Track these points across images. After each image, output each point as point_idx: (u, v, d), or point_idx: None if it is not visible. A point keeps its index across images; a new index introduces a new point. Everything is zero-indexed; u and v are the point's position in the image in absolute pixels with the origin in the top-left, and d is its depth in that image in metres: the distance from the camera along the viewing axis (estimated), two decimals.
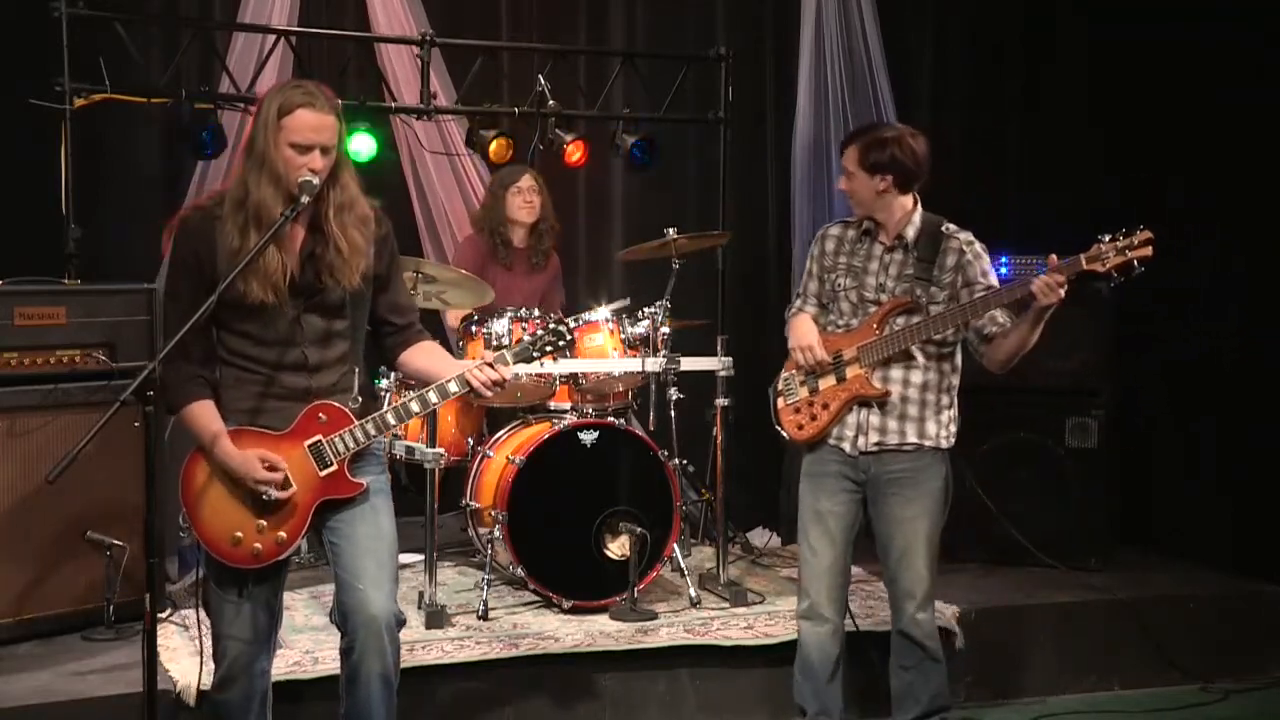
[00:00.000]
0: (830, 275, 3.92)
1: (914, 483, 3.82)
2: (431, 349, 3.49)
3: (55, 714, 3.85)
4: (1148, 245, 3.54)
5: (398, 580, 3.35)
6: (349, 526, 3.29)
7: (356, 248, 3.24)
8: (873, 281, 3.86)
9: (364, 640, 3.25)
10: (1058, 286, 3.57)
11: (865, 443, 3.83)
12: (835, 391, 3.85)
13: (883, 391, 3.80)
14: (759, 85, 6.83)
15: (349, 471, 3.28)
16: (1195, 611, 5.06)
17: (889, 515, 3.84)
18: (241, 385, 3.25)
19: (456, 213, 6.47)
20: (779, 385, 4.02)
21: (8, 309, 4.37)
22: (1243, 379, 5.56)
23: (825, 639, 3.91)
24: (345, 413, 3.28)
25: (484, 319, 5.09)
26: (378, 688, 3.29)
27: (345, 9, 6.41)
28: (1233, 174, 5.63)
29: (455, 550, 5.63)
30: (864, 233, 3.91)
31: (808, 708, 3.95)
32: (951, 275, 3.82)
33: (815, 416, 3.87)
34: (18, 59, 5.46)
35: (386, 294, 3.40)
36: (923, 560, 3.83)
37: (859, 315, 3.86)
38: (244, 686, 3.34)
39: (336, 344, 3.30)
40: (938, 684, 3.93)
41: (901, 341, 3.78)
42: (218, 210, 3.20)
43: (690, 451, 5.46)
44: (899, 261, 3.86)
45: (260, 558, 3.23)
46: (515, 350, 3.41)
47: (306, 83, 3.26)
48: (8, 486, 4.33)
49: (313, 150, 3.16)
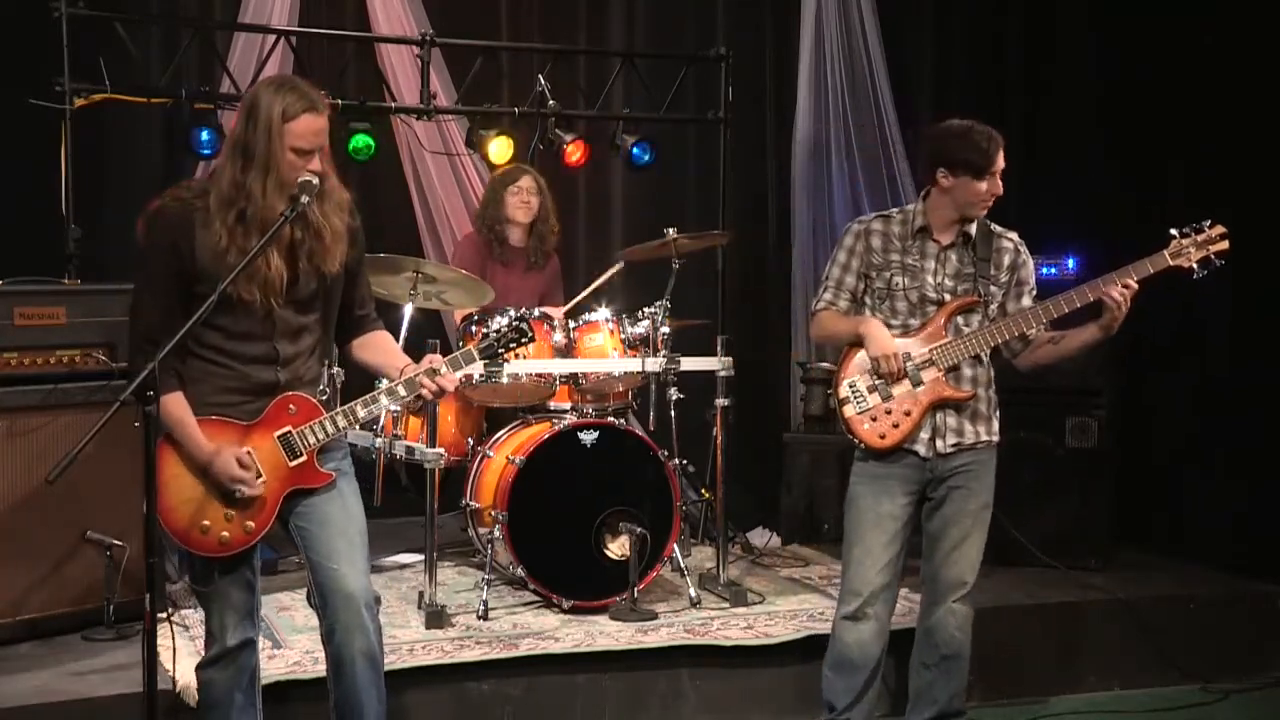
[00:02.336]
0: (882, 273, 3.83)
1: (977, 476, 3.85)
2: (382, 341, 3.51)
3: (55, 714, 3.84)
4: (1224, 239, 3.67)
5: (369, 561, 3.36)
6: (317, 510, 3.31)
7: (338, 233, 3.26)
8: (931, 280, 3.81)
9: (344, 619, 3.27)
10: (1130, 295, 3.65)
11: (943, 445, 3.80)
12: (916, 397, 3.77)
13: (969, 394, 3.80)
14: (759, 85, 6.83)
15: (317, 462, 3.30)
16: (1195, 611, 5.05)
17: (950, 510, 3.84)
18: (210, 378, 3.24)
19: (456, 213, 6.47)
20: (840, 392, 3.81)
21: (8, 309, 4.36)
22: (1243, 378, 5.56)
23: (869, 639, 3.86)
24: (315, 404, 3.30)
25: (484, 319, 5.09)
26: (363, 666, 3.29)
27: (345, 9, 6.41)
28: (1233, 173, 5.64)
29: (455, 550, 5.63)
30: (919, 230, 3.84)
31: (838, 703, 3.91)
32: (1007, 275, 3.84)
33: (898, 424, 3.78)
34: (18, 59, 5.46)
35: (354, 284, 3.41)
36: (977, 550, 3.86)
37: (917, 315, 3.80)
38: (232, 661, 3.35)
39: (306, 337, 3.31)
40: (958, 683, 3.93)
41: (981, 343, 3.76)
42: (198, 203, 3.18)
43: (690, 451, 5.46)
44: (956, 260, 3.83)
45: (227, 546, 3.24)
46: (479, 347, 3.42)
47: (299, 83, 3.24)
48: (8, 486, 4.32)
49: (313, 153, 3.18)
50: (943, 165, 3.77)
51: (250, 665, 3.42)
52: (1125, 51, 6.26)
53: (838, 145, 6.55)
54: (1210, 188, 5.73)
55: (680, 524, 4.93)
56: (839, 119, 6.47)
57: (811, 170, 6.66)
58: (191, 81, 5.81)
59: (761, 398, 6.72)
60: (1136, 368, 5.89)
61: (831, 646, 3.94)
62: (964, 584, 3.87)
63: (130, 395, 2.92)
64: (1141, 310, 5.78)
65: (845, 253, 3.90)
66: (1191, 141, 5.84)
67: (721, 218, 6.24)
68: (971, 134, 3.77)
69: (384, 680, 3.38)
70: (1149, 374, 5.98)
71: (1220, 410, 5.65)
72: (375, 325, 3.52)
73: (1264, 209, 5.49)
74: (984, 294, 3.80)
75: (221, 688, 3.37)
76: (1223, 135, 5.67)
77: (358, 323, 3.47)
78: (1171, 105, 5.95)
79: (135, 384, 2.92)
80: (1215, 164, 5.69)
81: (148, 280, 3.22)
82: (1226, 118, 5.67)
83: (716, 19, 6.85)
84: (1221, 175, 5.66)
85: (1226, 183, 5.65)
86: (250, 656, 3.42)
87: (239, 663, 3.37)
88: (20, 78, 5.35)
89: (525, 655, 4.31)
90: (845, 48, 6.50)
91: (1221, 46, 5.71)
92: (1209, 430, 5.71)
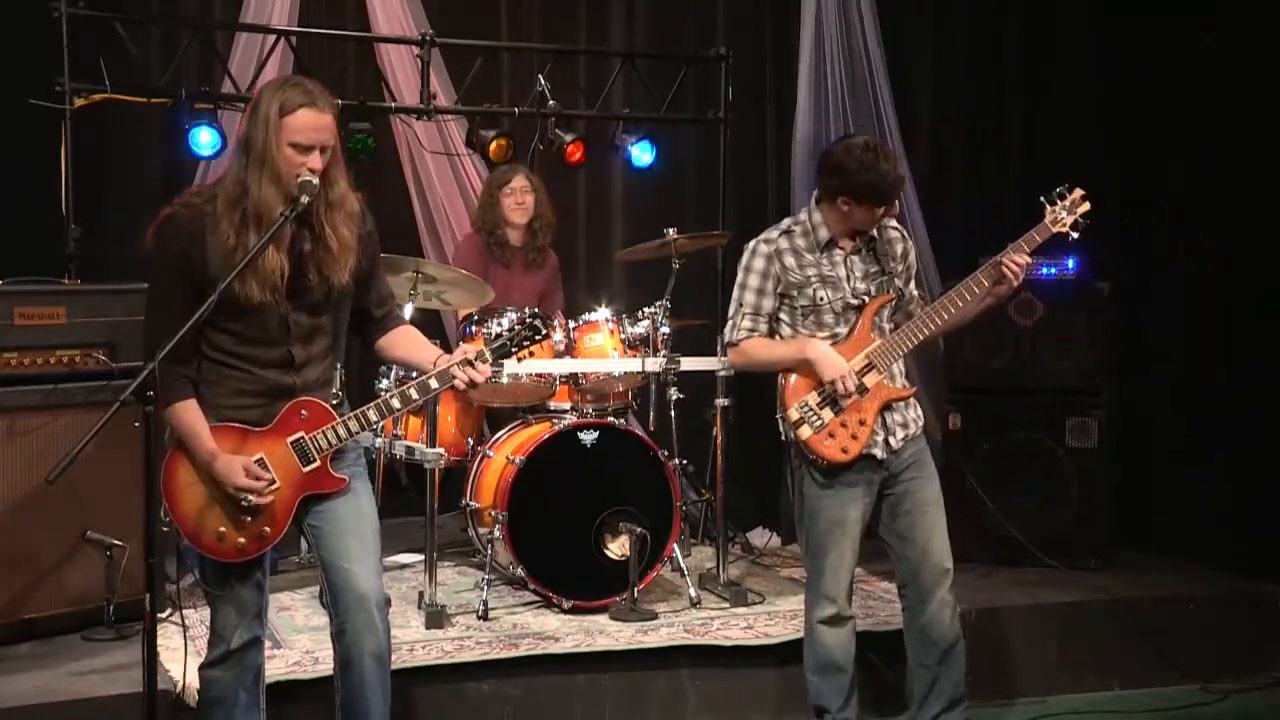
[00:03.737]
0: (804, 290, 3.84)
1: (924, 463, 3.92)
2: (409, 334, 3.51)
3: (55, 714, 3.84)
4: (1085, 201, 3.86)
5: (381, 561, 3.37)
6: (330, 510, 3.31)
7: (346, 245, 3.25)
8: (848, 287, 3.85)
9: (356, 619, 3.27)
10: (1024, 266, 3.80)
11: (895, 441, 3.85)
12: (864, 405, 3.80)
13: (911, 390, 3.90)
14: (759, 85, 6.83)
15: (330, 466, 3.29)
16: (1195, 611, 5.05)
17: (914, 500, 3.88)
18: (224, 381, 3.24)
19: (456, 213, 6.47)
20: (793, 416, 3.83)
21: (8, 309, 4.36)
22: (1243, 378, 5.56)
23: (848, 640, 3.94)
24: (327, 409, 3.29)
25: (484, 319, 5.09)
26: (372, 667, 3.30)
27: (345, 9, 6.41)
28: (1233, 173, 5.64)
29: (455, 550, 5.63)
30: (826, 242, 3.86)
31: (830, 706, 3.94)
32: (903, 263, 3.94)
33: (856, 435, 3.80)
34: (18, 59, 5.46)
35: (368, 288, 3.41)
36: (946, 536, 3.91)
37: (842, 324, 3.85)
38: (237, 662, 3.35)
39: (320, 340, 3.31)
40: (959, 671, 3.95)
41: (911, 340, 3.82)
42: (208, 208, 3.18)
43: (690, 451, 5.46)
44: (861, 262, 3.89)
45: (245, 552, 3.24)
46: (493, 346, 3.39)
47: (304, 80, 3.24)
48: (8, 486, 4.32)
49: (313, 150, 3.16)
50: (847, 194, 3.79)
51: (256, 665, 3.42)
52: (1125, 51, 6.26)
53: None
54: (1210, 188, 5.74)
55: (680, 524, 4.94)
56: (839, 119, 6.45)
57: (811, 170, 6.62)
58: (191, 81, 5.81)
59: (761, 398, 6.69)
60: (1137, 368, 5.89)
61: (812, 651, 3.97)
62: (947, 571, 3.91)
63: (130, 395, 2.92)
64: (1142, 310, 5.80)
65: (759, 276, 3.88)
66: (1191, 141, 5.83)
67: (721, 218, 6.23)
68: (879, 166, 3.75)
69: (390, 681, 3.38)
70: (1149, 374, 5.97)
71: (1220, 410, 5.65)
72: (398, 321, 3.51)
73: (1264, 209, 5.50)
74: (894, 289, 3.90)
75: (225, 687, 3.37)
76: (1223, 135, 5.67)
77: (379, 322, 3.46)
78: (1171, 105, 5.95)
79: (135, 384, 2.92)
80: (1215, 164, 5.69)
81: (160, 289, 3.22)
82: (1226, 118, 5.67)
83: (716, 19, 6.84)
84: (1221, 175, 5.66)
85: (1226, 183, 5.65)
86: (256, 656, 3.42)
87: (244, 662, 3.37)
88: (20, 78, 5.35)
89: (525, 655, 4.31)
90: (845, 48, 6.49)
91: (1221, 46, 5.70)
92: (1209, 430, 5.71)
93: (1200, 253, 5.79)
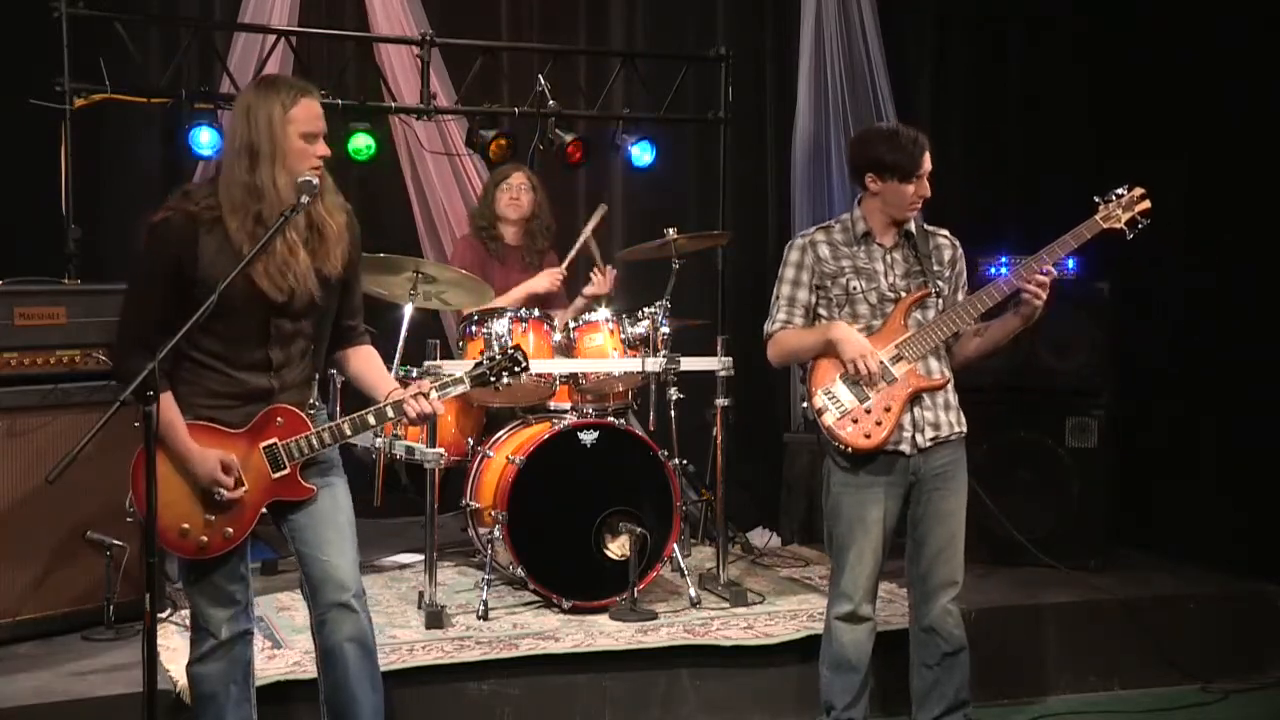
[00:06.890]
0: (838, 280, 3.85)
1: (954, 475, 3.87)
2: (372, 357, 3.51)
3: (55, 714, 3.84)
4: (1145, 199, 3.78)
5: (358, 553, 3.38)
6: (306, 503, 3.32)
7: (340, 230, 3.28)
8: (885, 281, 3.85)
9: (334, 610, 3.28)
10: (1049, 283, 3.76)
11: (923, 439, 3.81)
12: (893, 393, 3.78)
13: (944, 381, 3.83)
14: (759, 85, 6.83)
15: (300, 475, 3.30)
16: (1195, 611, 5.05)
17: (933, 510, 3.85)
18: (200, 381, 3.24)
19: (456, 213, 6.47)
20: (816, 403, 3.81)
21: (8, 309, 4.36)
22: (1243, 377, 5.56)
23: (864, 639, 3.92)
24: (303, 418, 3.30)
25: (483, 319, 5.09)
26: (355, 654, 3.30)
27: (345, 9, 6.42)
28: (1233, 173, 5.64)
29: (455, 550, 5.63)
30: (863, 235, 3.88)
31: (837, 703, 3.93)
32: (949, 269, 3.91)
33: (880, 422, 3.77)
34: (18, 59, 5.47)
35: (349, 293, 3.42)
36: (962, 549, 3.89)
37: (878, 316, 3.83)
38: (225, 654, 3.35)
39: (299, 344, 3.31)
40: (962, 676, 3.94)
41: (941, 332, 3.80)
42: (205, 213, 3.17)
43: (690, 451, 5.46)
44: (902, 259, 3.88)
45: (206, 550, 3.25)
46: (471, 373, 3.42)
47: (285, 76, 3.26)
48: (8, 486, 4.32)
49: (319, 138, 3.19)
50: (870, 170, 3.82)
51: (245, 658, 3.42)
52: (1125, 51, 6.26)
53: (838, 145, 6.54)
54: (1210, 187, 5.73)
55: (680, 524, 4.93)
56: (839, 118, 6.46)
57: (811, 170, 6.65)
58: (191, 82, 5.82)
59: (761, 398, 6.71)
60: (1136, 368, 5.89)
61: (828, 646, 3.96)
62: (955, 584, 3.90)
63: (130, 395, 2.92)
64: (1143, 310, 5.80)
65: (794, 269, 3.90)
66: (1191, 141, 5.83)
67: (721, 218, 6.24)
68: (898, 137, 3.80)
69: (379, 674, 3.38)
70: (1148, 374, 5.97)
71: (1220, 410, 5.65)
72: (362, 339, 3.52)
73: (1264, 209, 5.50)
74: (935, 287, 3.87)
75: (216, 681, 3.36)
76: (1224, 134, 5.67)
77: (345, 333, 3.47)
78: (1171, 104, 5.95)
79: (135, 384, 2.92)
80: (1216, 163, 5.69)
81: (145, 283, 3.22)
82: (1226, 117, 5.67)
83: (716, 19, 6.85)
84: (1221, 175, 5.66)
85: (1227, 183, 5.65)
86: (245, 649, 3.41)
87: (233, 655, 3.37)
88: (20, 78, 5.35)
89: (525, 655, 4.31)
90: (845, 48, 6.50)
91: (1222, 46, 5.70)
92: (1209, 430, 5.70)
93: (1200, 253, 5.79)
